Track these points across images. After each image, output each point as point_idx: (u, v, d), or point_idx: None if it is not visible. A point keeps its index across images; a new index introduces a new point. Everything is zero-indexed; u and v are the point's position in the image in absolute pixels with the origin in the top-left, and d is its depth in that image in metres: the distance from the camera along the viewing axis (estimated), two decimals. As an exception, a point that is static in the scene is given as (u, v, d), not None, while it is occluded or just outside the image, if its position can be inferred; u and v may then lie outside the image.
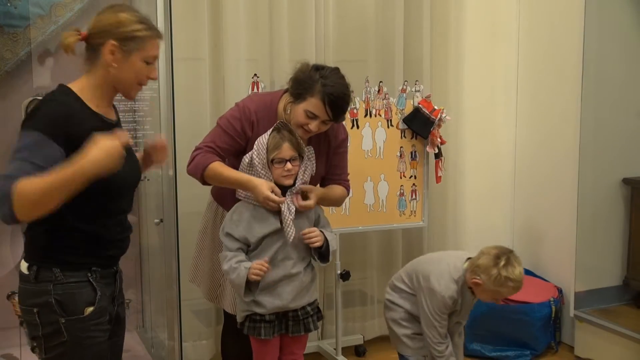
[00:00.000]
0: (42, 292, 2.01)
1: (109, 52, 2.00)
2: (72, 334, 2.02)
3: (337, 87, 2.57)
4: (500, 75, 4.36)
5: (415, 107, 3.61)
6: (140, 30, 2.03)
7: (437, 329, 2.85)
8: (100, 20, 2.03)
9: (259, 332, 2.60)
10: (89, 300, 2.05)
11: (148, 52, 2.06)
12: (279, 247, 2.58)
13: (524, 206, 4.41)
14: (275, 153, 2.54)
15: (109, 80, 2.06)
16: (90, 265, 2.06)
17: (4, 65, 3.19)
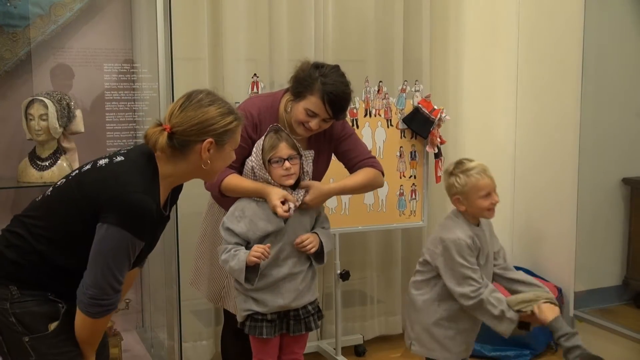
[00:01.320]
0: (0, 311, 1.96)
1: (205, 150, 2.00)
2: (39, 352, 1.97)
3: (337, 86, 2.58)
4: (500, 75, 4.36)
5: (415, 107, 3.61)
6: (232, 122, 2.04)
7: (472, 277, 2.60)
8: (190, 118, 1.99)
9: (260, 331, 2.60)
10: (53, 316, 1.99)
11: (237, 141, 2.10)
12: (282, 245, 2.58)
13: (524, 206, 4.41)
14: (273, 153, 2.54)
15: (194, 172, 2.07)
16: (51, 290, 2.00)
17: (4, 65, 3.19)
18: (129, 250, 1.93)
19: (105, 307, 1.96)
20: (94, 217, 1.91)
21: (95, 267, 1.93)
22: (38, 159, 3.11)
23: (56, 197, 2.01)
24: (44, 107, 3.02)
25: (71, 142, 3.18)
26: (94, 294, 1.93)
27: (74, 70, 3.35)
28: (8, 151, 3.25)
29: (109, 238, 1.90)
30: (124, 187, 1.92)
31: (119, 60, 3.34)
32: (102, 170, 1.99)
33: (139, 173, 1.97)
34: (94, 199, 1.92)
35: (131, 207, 1.90)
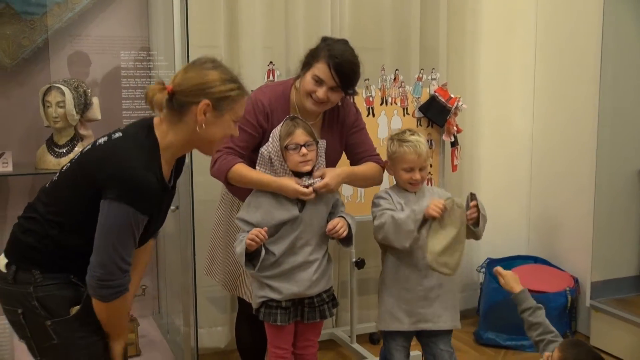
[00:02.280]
0: (23, 295, 1.98)
1: (202, 112, 1.98)
2: (61, 335, 1.98)
3: (344, 54, 2.60)
4: (518, 64, 4.33)
5: (432, 96, 3.59)
6: (233, 90, 2.02)
7: (379, 205, 2.73)
8: (190, 78, 1.99)
9: (274, 318, 2.61)
10: (74, 300, 2.00)
11: (238, 112, 2.07)
12: (298, 233, 2.59)
13: (541, 195, 4.39)
14: (289, 139, 2.54)
15: (192, 139, 2.04)
16: (72, 272, 2.01)
17: (22, 52, 3.21)
18: (132, 226, 1.92)
19: (115, 289, 1.96)
20: (97, 196, 1.91)
21: (101, 247, 1.92)
22: (55, 146, 3.14)
23: (62, 182, 2.02)
24: (61, 95, 3.04)
25: (88, 129, 3.20)
26: (101, 276, 1.93)
27: (91, 58, 3.37)
28: (26, 138, 3.28)
29: (112, 214, 1.89)
30: (122, 162, 1.91)
31: (135, 47, 3.35)
32: (101, 148, 1.99)
33: (138, 147, 1.96)
34: (95, 177, 1.92)
35: (130, 181, 1.89)
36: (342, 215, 2.67)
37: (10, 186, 3.33)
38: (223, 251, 2.97)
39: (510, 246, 4.38)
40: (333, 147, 2.77)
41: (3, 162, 3.03)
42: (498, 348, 3.88)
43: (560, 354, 2.21)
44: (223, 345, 3.74)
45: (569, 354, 2.20)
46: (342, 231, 2.60)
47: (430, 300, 2.73)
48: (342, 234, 2.60)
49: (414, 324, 2.76)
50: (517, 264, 4.19)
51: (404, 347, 2.82)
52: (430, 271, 2.69)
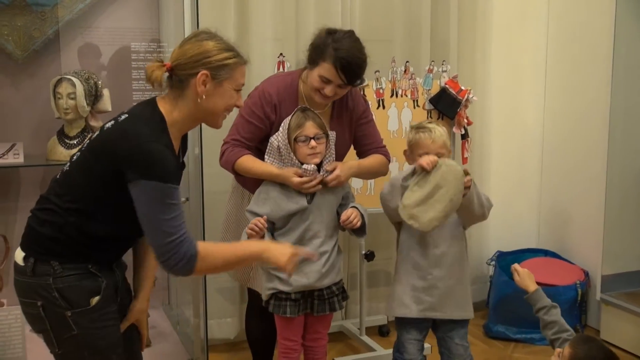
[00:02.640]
0: (42, 287, 1.97)
1: (201, 83, 1.98)
2: (81, 326, 1.99)
3: (350, 51, 2.56)
4: (529, 56, 4.31)
5: (442, 88, 3.58)
6: (230, 58, 2.02)
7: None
8: (186, 51, 1.99)
9: (284, 310, 2.62)
10: (94, 290, 2.01)
11: (237, 80, 2.06)
12: (307, 225, 2.59)
13: (551, 188, 4.37)
14: (299, 131, 2.53)
15: (196, 112, 2.04)
16: (91, 262, 2.02)
17: (32, 44, 3.22)
18: (167, 198, 1.90)
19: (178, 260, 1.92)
20: (114, 179, 1.92)
21: (148, 229, 1.94)
22: (66, 137, 3.15)
23: (75, 170, 2.02)
24: (72, 86, 3.05)
25: (98, 120, 3.21)
26: (160, 254, 1.93)
27: (101, 49, 3.37)
28: (37, 129, 3.29)
29: (142, 193, 1.90)
30: (133, 140, 1.90)
31: (145, 39, 3.36)
32: (110, 132, 1.99)
33: (145, 124, 1.96)
34: (109, 160, 1.92)
35: (147, 156, 1.88)
36: (355, 205, 2.67)
37: (21, 177, 3.34)
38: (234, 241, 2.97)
39: (521, 239, 4.36)
40: (342, 137, 2.77)
41: (14, 153, 3.04)
42: (507, 341, 3.88)
43: (571, 350, 2.19)
44: (232, 336, 3.76)
45: (580, 350, 2.18)
46: (357, 221, 2.60)
47: (440, 290, 2.72)
48: (356, 224, 2.61)
49: (422, 312, 2.74)
50: (527, 257, 4.18)
51: (417, 341, 2.79)
52: (440, 260, 2.70)
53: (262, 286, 2.74)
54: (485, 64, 4.12)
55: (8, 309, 2.84)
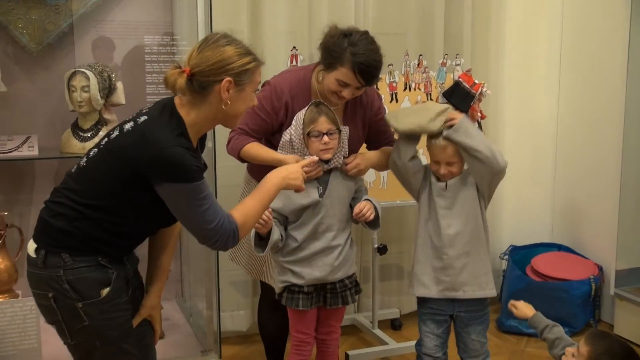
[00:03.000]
0: (53, 278, 2.00)
1: (225, 90, 2.00)
2: (92, 317, 2.01)
3: (368, 55, 2.54)
4: (543, 50, 4.28)
5: (455, 81, 3.54)
6: (250, 63, 2.03)
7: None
8: (207, 57, 1.99)
9: (296, 303, 2.62)
10: (104, 282, 2.03)
11: (257, 82, 2.09)
12: (320, 219, 2.59)
13: (565, 182, 4.35)
14: (312, 126, 2.53)
15: (217, 116, 2.07)
16: (101, 255, 2.04)
17: (47, 37, 3.23)
18: (196, 195, 1.96)
19: (225, 239, 2.03)
20: (134, 181, 1.95)
21: (186, 222, 2.02)
22: (80, 130, 3.16)
23: (92, 167, 2.04)
24: (85, 79, 3.06)
25: (112, 113, 3.23)
26: (206, 240, 2.03)
27: (115, 43, 3.38)
28: (51, 122, 3.31)
29: (171, 194, 1.96)
30: (154, 146, 1.93)
31: (159, 32, 3.36)
32: (129, 135, 2.00)
33: (164, 127, 1.98)
34: (129, 164, 1.95)
35: (169, 162, 1.92)
36: (368, 198, 2.67)
37: (35, 170, 3.36)
38: (247, 237, 2.97)
39: (534, 233, 4.35)
40: (355, 133, 2.76)
41: (29, 146, 3.06)
42: (520, 335, 3.87)
43: (588, 347, 2.15)
44: (245, 328, 3.77)
45: (598, 346, 2.15)
46: (369, 214, 2.60)
47: (457, 269, 2.70)
48: (369, 217, 2.60)
49: (442, 292, 2.72)
50: (540, 252, 4.17)
51: (435, 335, 2.77)
52: (454, 240, 2.67)
53: (275, 279, 2.75)
54: (499, 58, 4.09)
55: (23, 300, 2.86)
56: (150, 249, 2.31)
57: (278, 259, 2.65)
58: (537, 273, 3.94)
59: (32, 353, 2.87)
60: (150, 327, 2.30)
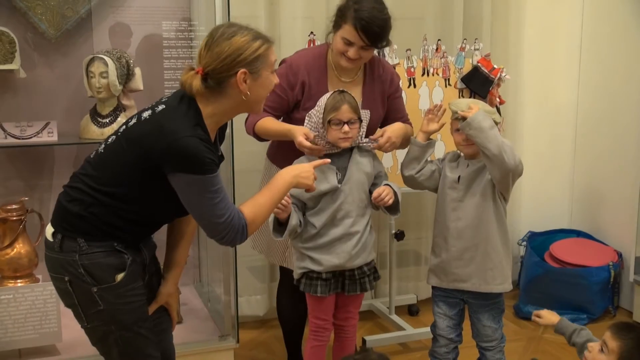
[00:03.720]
0: (69, 263, 2.02)
1: (242, 82, 1.98)
2: (107, 301, 2.03)
3: (370, 12, 2.57)
4: (563, 34, 4.23)
5: (474, 66, 3.54)
6: (261, 47, 2.00)
7: None
8: (217, 54, 1.97)
9: (315, 289, 2.62)
10: (119, 267, 2.04)
11: (272, 63, 2.06)
12: (338, 205, 2.58)
13: (585, 168, 4.31)
14: (334, 114, 2.51)
15: (239, 106, 2.07)
16: (117, 240, 2.05)
17: (65, 23, 3.24)
18: (209, 187, 1.96)
19: (234, 235, 2.03)
20: (149, 169, 1.96)
21: (196, 214, 2.02)
22: (99, 116, 3.18)
23: (109, 154, 2.05)
24: (104, 65, 3.07)
25: (130, 99, 3.23)
26: (215, 234, 2.03)
27: (133, 29, 3.38)
28: (70, 108, 3.33)
29: (183, 185, 1.96)
30: (170, 135, 1.93)
31: (176, 18, 3.36)
32: (147, 123, 2.01)
33: (181, 117, 1.97)
34: (147, 152, 1.95)
35: (183, 152, 1.91)
36: (388, 183, 2.66)
37: (55, 155, 3.38)
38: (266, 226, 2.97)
39: (553, 220, 4.32)
40: (375, 109, 2.77)
41: (48, 131, 3.08)
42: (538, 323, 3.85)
43: (618, 342, 2.07)
44: (262, 313, 3.79)
45: (629, 340, 2.06)
46: (388, 199, 2.59)
47: (465, 261, 2.72)
48: (387, 202, 2.59)
49: (451, 283, 2.76)
50: (558, 238, 4.15)
51: (447, 317, 2.81)
52: (462, 233, 2.68)
53: (294, 264, 2.75)
54: (519, 42, 4.06)
55: (43, 284, 2.89)
56: (169, 236, 2.32)
57: (297, 245, 2.65)
58: (556, 259, 3.92)
59: (53, 336, 2.91)
60: (167, 315, 2.32)
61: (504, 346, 2.83)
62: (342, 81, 2.75)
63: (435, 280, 2.81)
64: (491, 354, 2.79)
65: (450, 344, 2.82)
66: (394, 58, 3.39)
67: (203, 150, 1.94)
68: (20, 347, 2.90)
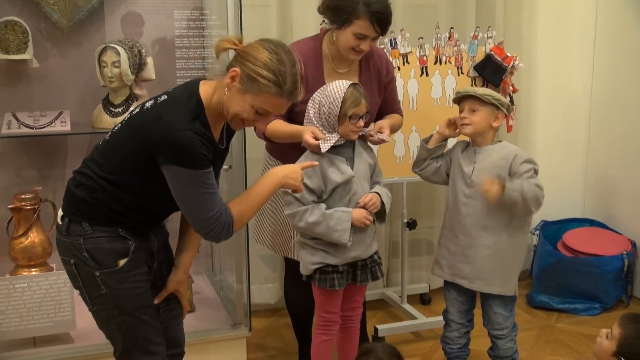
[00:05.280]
0: (74, 246, 2.06)
1: (229, 76, 1.98)
2: (109, 286, 2.06)
3: (380, 2, 2.58)
4: (577, 22, 4.20)
5: (487, 54, 3.51)
6: (266, 79, 1.95)
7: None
8: (252, 47, 1.99)
9: (332, 283, 2.59)
10: (122, 252, 2.06)
11: (262, 105, 1.99)
12: (351, 196, 2.57)
13: (598, 157, 4.29)
14: (355, 110, 2.50)
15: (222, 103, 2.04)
16: (121, 226, 2.08)
17: (78, 12, 3.24)
18: (199, 182, 1.97)
19: (219, 231, 2.03)
20: (147, 158, 1.98)
21: (184, 208, 2.04)
22: (111, 106, 3.18)
23: (113, 142, 2.08)
24: (116, 55, 3.08)
25: (142, 89, 3.24)
26: (201, 229, 2.04)
27: (145, 18, 3.39)
28: (83, 98, 3.34)
29: (175, 177, 1.97)
30: (166, 126, 1.94)
31: (188, 7, 3.35)
32: (147, 112, 2.03)
33: (180, 109, 1.97)
34: (144, 141, 1.97)
35: (177, 144, 1.92)
36: (377, 191, 2.64)
37: (68, 145, 3.40)
38: (270, 215, 2.97)
39: (566, 208, 4.30)
40: (373, 97, 2.76)
41: (61, 121, 3.10)
42: (551, 311, 3.85)
43: (622, 330, 2.14)
44: (273, 301, 3.81)
45: (631, 329, 2.13)
46: (374, 208, 2.59)
47: (469, 258, 2.73)
48: (373, 211, 2.59)
49: (452, 276, 2.81)
50: (572, 227, 4.13)
51: (458, 302, 2.85)
52: (470, 230, 2.70)
53: (302, 260, 2.71)
54: (532, 30, 4.03)
55: (57, 273, 2.91)
56: (181, 225, 2.33)
57: (306, 240, 2.61)
58: (569, 248, 3.91)
59: (67, 324, 2.93)
60: (178, 302, 2.33)
61: (516, 335, 2.83)
62: (339, 72, 2.74)
63: (439, 271, 2.85)
64: (502, 342, 2.79)
65: (461, 328, 2.85)
66: (407, 46, 3.37)
67: (197, 145, 1.94)
68: (35, 335, 2.93)
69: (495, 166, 2.68)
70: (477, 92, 2.69)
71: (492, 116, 2.70)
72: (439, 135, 2.82)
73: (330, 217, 2.51)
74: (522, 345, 3.05)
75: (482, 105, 2.68)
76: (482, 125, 2.70)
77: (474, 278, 2.74)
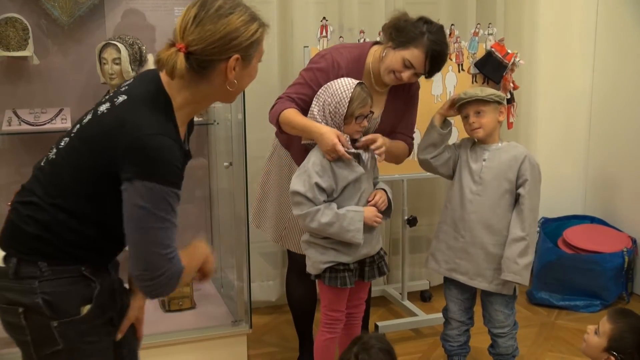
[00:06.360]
0: (26, 291, 1.66)
1: (231, 69, 1.67)
2: (67, 339, 1.68)
3: (442, 46, 2.59)
4: (578, 18, 4.20)
5: (488, 51, 3.51)
6: (257, 30, 1.70)
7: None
8: (209, 32, 1.63)
9: (342, 281, 2.56)
10: (86, 297, 1.70)
11: (262, 51, 1.76)
12: (361, 193, 2.57)
13: (599, 154, 4.29)
14: (362, 109, 2.49)
15: (216, 94, 1.75)
16: (84, 263, 1.71)
17: (78, 9, 3.24)
18: (165, 204, 1.60)
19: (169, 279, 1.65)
20: (109, 175, 1.63)
21: (132, 238, 1.63)
22: (112, 103, 3.18)
23: (63, 160, 1.72)
24: (117, 51, 3.07)
25: (143, 85, 3.24)
26: (141, 273, 1.63)
27: (145, 15, 3.39)
28: (83, 94, 3.34)
29: (136, 196, 1.59)
30: (134, 132, 1.59)
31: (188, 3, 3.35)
32: (105, 119, 1.67)
33: (149, 110, 1.64)
34: (103, 154, 1.63)
35: (149, 152, 1.58)
36: (382, 187, 2.65)
37: (68, 142, 3.40)
38: (273, 202, 2.96)
39: (566, 205, 4.30)
40: (390, 118, 2.76)
41: (62, 118, 3.10)
42: (551, 308, 3.85)
43: (611, 325, 2.15)
44: (274, 298, 3.81)
45: (622, 323, 2.14)
46: (383, 205, 2.60)
47: (470, 255, 2.74)
48: (382, 208, 2.60)
49: (449, 272, 2.81)
50: (572, 224, 4.13)
51: (459, 300, 2.85)
52: (475, 227, 2.71)
53: (295, 245, 2.68)
54: (533, 27, 4.02)
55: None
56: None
57: (317, 240, 2.58)
58: (569, 245, 3.91)
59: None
60: (132, 333, 1.94)
61: (516, 333, 2.83)
62: (376, 90, 2.71)
63: (434, 265, 2.85)
64: (503, 340, 2.80)
65: (461, 326, 2.86)
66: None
67: (175, 155, 1.62)
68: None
69: (504, 165, 2.70)
70: (481, 95, 2.69)
71: (497, 112, 2.71)
72: (440, 116, 2.81)
73: (344, 218, 2.49)
74: (522, 342, 3.05)
75: (486, 105, 2.69)
76: (491, 125, 2.73)
77: (474, 275, 2.74)
